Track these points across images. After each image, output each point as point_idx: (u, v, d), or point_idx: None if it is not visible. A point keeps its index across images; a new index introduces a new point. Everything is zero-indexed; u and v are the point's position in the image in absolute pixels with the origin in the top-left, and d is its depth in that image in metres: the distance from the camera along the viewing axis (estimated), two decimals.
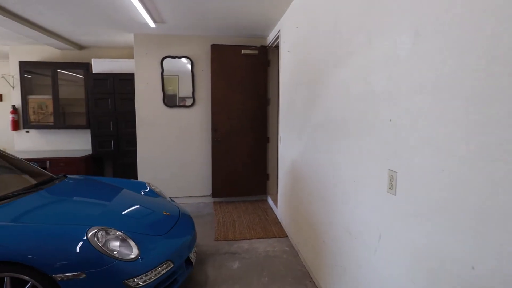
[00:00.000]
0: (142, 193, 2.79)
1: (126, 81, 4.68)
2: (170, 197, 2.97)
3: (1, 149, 5.90)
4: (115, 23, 3.76)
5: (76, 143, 5.17)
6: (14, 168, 2.65)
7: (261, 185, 4.64)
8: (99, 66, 4.82)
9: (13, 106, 5.00)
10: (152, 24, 3.69)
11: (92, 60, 4.81)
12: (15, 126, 4.99)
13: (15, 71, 4.92)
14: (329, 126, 2.13)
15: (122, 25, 3.83)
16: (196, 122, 4.49)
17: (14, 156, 2.83)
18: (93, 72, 4.77)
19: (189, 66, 4.41)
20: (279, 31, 3.66)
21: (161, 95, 4.38)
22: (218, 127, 4.39)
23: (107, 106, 4.77)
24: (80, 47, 5.10)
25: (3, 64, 5.82)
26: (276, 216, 4.01)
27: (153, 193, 2.84)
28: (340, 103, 1.95)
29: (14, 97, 5.00)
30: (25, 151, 5.03)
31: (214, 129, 4.38)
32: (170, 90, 4.46)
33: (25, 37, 4.39)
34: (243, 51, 4.32)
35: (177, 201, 4.36)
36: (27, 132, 5.09)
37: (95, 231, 1.81)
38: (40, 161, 4.39)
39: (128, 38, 4.41)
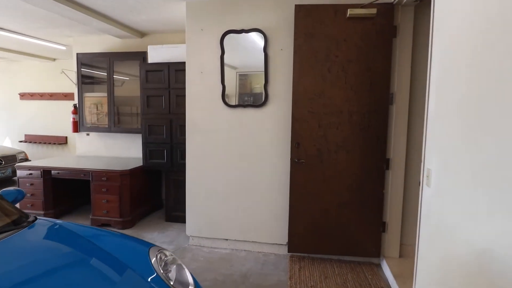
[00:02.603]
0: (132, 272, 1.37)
1: (183, 72, 3.46)
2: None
3: (21, 155, 5.55)
4: None
5: (136, 150, 4.29)
6: None
7: (372, 240, 2.74)
8: (155, 54, 3.77)
9: (74, 105, 4.43)
10: None
11: (148, 47, 3.78)
12: (75, 127, 4.42)
13: (75, 65, 4.32)
14: None
15: None
16: (269, 130, 2.92)
17: None
18: (149, 62, 3.75)
19: (261, 45, 2.86)
20: None
21: (220, 89, 2.97)
22: (302, 141, 2.70)
23: (160, 106, 3.67)
24: (141, 34, 4.17)
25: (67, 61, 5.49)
26: None
27: (158, 279, 1.39)
28: None
29: (76, 95, 4.43)
30: (84, 156, 4.42)
31: (296, 143, 2.71)
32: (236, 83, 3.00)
33: (79, 24, 3.64)
34: (349, 12, 2.51)
35: (237, 247, 2.90)
36: (88, 134, 4.47)
37: None
38: (84, 173, 3.57)
39: (182, 12, 3.15)
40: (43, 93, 5.98)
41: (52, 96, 5.95)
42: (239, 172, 3.00)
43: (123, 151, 4.37)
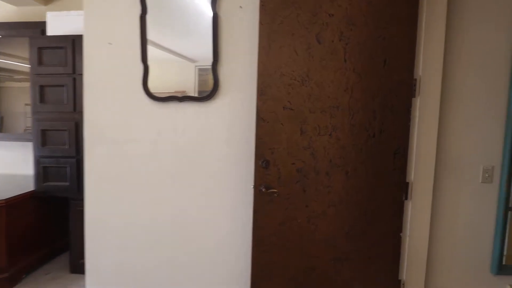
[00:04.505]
0: None
1: None
2: None
3: None
4: None
5: (26, 165, 2.96)
6: None
7: None
8: (57, 24, 2.54)
9: None
10: None
11: (47, 14, 2.55)
12: None
13: None
14: None
15: None
16: (220, 140, 1.80)
17: None
18: (48, 34, 2.51)
19: (207, 2, 1.75)
20: None
21: (139, 71, 1.81)
22: (274, 156, 1.62)
23: (60, 100, 2.43)
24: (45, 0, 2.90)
25: None
26: None
27: None
28: None
29: None
30: None
31: (263, 161, 1.61)
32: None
33: None
34: None
35: None
36: None
37: None
38: None
39: None
40: None
41: None
42: (172, 207, 1.84)
43: (7, 167, 3.02)
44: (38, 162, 2.46)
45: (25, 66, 2.86)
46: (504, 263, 1.73)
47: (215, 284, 1.85)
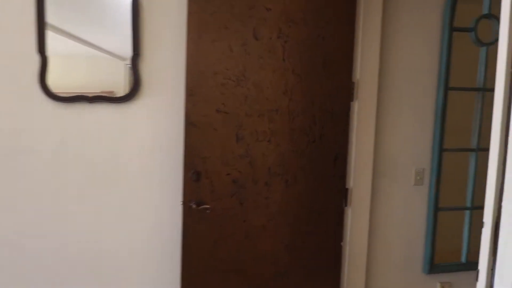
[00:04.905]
0: None
1: None
2: None
3: None
4: None
5: None
6: None
7: None
8: None
9: None
10: None
11: None
12: None
13: None
14: None
15: None
16: (142, 149, 1.52)
17: None
18: None
19: None
20: None
21: (35, 63, 1.43)
22: (206, 167, 1.40)
23: None
24: None
25: None
26: None
27: None
28: None
29: None
30: None
31: (194, 173, 1.38)
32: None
33: None
34: None
35: None
36: None
37: None
38: None
39: None
40: None
41: None
42: (78, 236, 1.50)
43: None
44: None
45: None
46: (435, 262, 1.79)
47: None
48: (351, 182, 1.65)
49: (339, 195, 1.60)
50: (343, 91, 1.54)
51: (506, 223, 0.75)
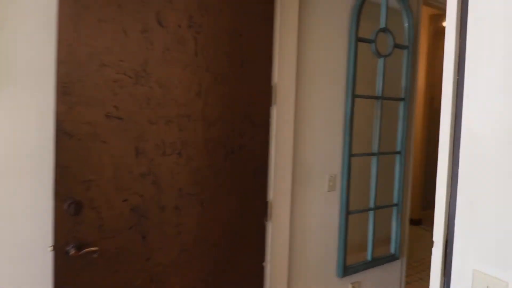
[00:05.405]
0: None
1: None
2: None
3: None
4: None
5: None
6: None
7: None
8: None
9: None
10: None
11: None
12: None
13: None
14: None
15: None
16: None
17: None
18: None
19: None
20: None
21: None
22: (90, 194, 1.02)
23: None
24: None
25: None
26: None
27: None
28: None
29: None
30: None
31: (70, 203, 0.98)
32: None
33: None
34: None
35: None
36: None
37: None
38: None
39: None
40: None
41: None
42: None
43: None
44: None
45: None
46: (347, 264, 1.82)
47: None
48: (271, 194, 1.50)
49: (261, 211, 1.44)
50: (263, 95, 1.38)
51: (459, 244, 0.70)
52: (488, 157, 0.64)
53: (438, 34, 4.05)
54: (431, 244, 0.78)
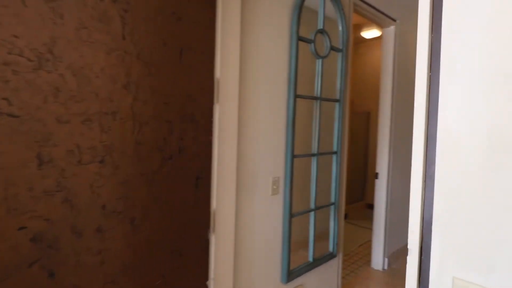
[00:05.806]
0: None
1: None
2: None
3: None
4: None
5: None
6: None
7: None
8: None
9: None
10: None
11: None
12: None
13: None
14: None
15: None
16: None
17: None
18: None
19: None
20: None
21: None
22: None
23: None
24: None
25: None
26: None
27: None
28: None
29: None
30: None
31: None
32: None
33: None
34: None
35: None
36: None
37: None
38: None
39: None
40: None
41: None
42: None
43: None
44: None
45: None
46: (291, 268, 1.77)
47: None
48: (214, 203, 1.34)
49: (204, 223, 1.26)
50: (205, 91, 1.21)
51: (437, 254, 0.65)
52: (468, 158, 0.61)
53: (358, 43, 4.40)
54: (358, 237, 0.72)
